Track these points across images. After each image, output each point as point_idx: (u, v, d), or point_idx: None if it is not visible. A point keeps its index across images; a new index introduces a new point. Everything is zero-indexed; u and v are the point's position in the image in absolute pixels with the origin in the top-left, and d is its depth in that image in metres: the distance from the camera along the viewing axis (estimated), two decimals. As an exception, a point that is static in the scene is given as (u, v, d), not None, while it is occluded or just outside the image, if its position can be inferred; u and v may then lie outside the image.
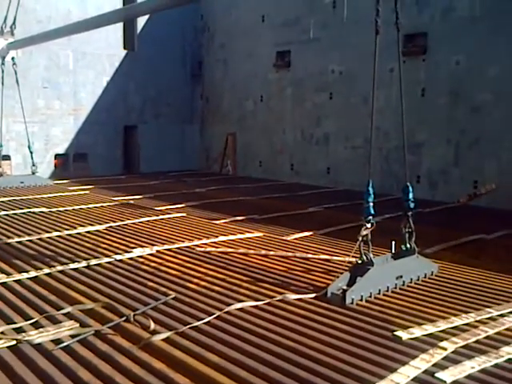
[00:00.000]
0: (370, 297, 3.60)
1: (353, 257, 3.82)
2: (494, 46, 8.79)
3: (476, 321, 3.15)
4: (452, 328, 3.03)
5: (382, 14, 3.86)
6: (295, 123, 12.28)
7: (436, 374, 2.47)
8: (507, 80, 8.71)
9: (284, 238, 5.71)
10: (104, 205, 7.22)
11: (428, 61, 9.77)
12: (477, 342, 2.86)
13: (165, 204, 8.17)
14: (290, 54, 12.23)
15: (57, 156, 12.54)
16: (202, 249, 4.86)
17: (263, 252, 4.79)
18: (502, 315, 3.26)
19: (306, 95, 11.96)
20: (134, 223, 6.00)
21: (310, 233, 6.20)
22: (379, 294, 3.67)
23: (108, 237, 5.29)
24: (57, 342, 2.80)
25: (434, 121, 9.71)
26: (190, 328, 2.97)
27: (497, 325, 3.10)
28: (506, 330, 3.05)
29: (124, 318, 3.07)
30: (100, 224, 5.87)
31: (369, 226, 3.71)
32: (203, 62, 14.71)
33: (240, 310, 3.30)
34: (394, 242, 4.06)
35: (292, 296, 3.57)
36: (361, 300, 3.53)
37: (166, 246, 4.91)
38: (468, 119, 9.27)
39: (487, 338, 2.92)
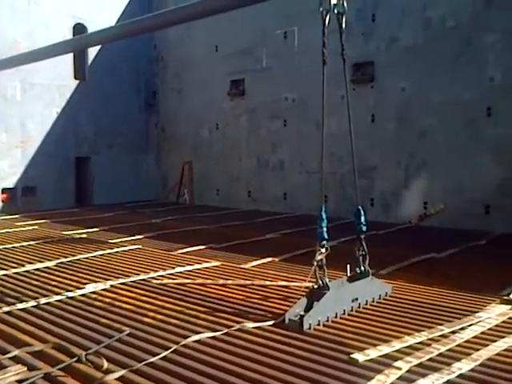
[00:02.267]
0: (327, 321, 3.63)
1: (309, 282, 3.85)
2: (436, 74, 9.26)
3: (429, 339, 3.23)
4: (406, 347, 3.10)
5: (330, 44, 4.02)
6: (251, 150, 12.40)
7: (392, 395, 2.50)
8: (449, 105, 9.17)
9: (242, 265, 5.69)
10: (54, 240, 6.98)
11: (376, 88, 10.17)
12: (430, 359, 2.93)
13: (120, 236, 7.98)
14: (244, 82, 12.44)
15: (4, 190, 12.06)
16: (159, 281, 4.78)
17: (221, 281, 4.75)
18: (453, 332, 3.36)
19: (261, 122, 12.15)
20: (86, 258, 5.82)
21: (268, 259, 6.21)
22: (336, 317, 3.71)
23: (58, 273, 5.10)
24: (1, 388, 2.65)
25: (384, 145, 10.06)
26: (145, 364, 2.89)
27: (448, 342, 3.19)
28: (457, 346, 3.14)
29: (75, 359, 2.95)
30: (50, 260, 5.66)
31: (323, 250, 3.77)
32: (157, 91, 14.72)
33: (197, 342, 3.25)
34: (348, 266, 4.13)
35: (250, 324, 3.56)
36: (318, 325, 3.55)
37: (121, 280, 4.79)
38: (415, 143, 9.65)
39: (440, 355, 3.00)
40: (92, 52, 13.31)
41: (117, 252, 6.17)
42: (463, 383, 2.66)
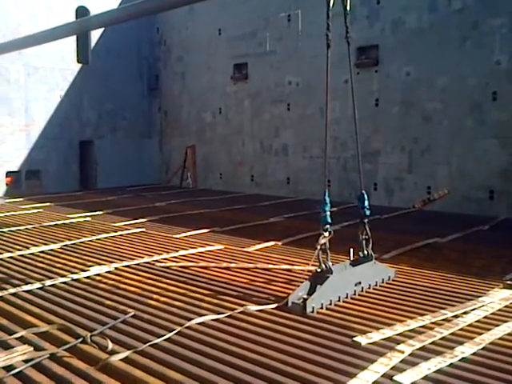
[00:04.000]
0: (330, 304, 3.65)
1: (312, 265, 3.86)
2: (441, 57, 9.17)
3: (431, 322, 3.24)
4: (409, 331, 3.11)
5: (334, 28, 3.97)
6: (254, 135, 12.36)
7: (394, 377, 2.53)
8: (455, 90, 9.09)
9: (245, 249, 5.70)
10: (59, 223, 7.01)
11: (380, 72, 10.08)
12: (432, 343, 2.95)
13: (124, 220, 8.02)
14: (247, 66, 12.35)
15: (8, 173, 12.10)
16: (162, 264, 4.80)
17: (224, 264, 4.77)
18: (455, 316, 3.37)
19: (264, 107, 12.09)
20: (91, 241, 5.85)
21: (272, 243, 6.23)
22: (339, 301, 3.72)
23: (63, 256, 5.13)
24: (8, 368, 2.68)
25: (388, 129, 10.01)
26: (149, 346, 2.91)
27: (451, 325, 3.20)
28: (460, 330, 3.15)
29: (80, 340, 2.98)
30: (55, 243, 5.69)
31: (326, 234, 3.77)
32: (160, 75, 14.63)
33: (201, 324, 3.27)
34: (351, 250, 4.14)
35: (253, 308, 3.57)
36: (321, 308, 3.57)
37: (125, 263, 4.81)
38: (420, 127, 9.59)
39: (442, 338, 3.01)
40: (95, 36, 13.24)
41: (121, 235, 6.19)
42: (466, 367, 2.68)
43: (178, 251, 5.31)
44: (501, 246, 6.10)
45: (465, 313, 3.43)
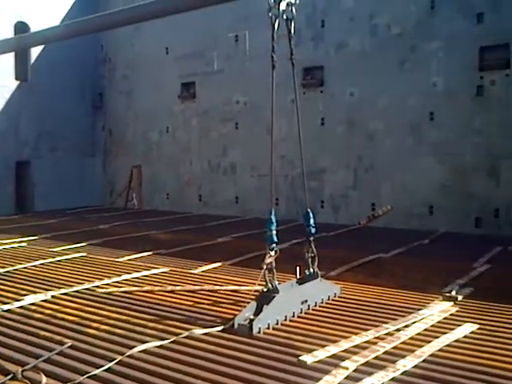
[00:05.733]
0: (277, 324, 3.62)
1: (259, 285, 3.83)
2: (383, 79, 9.53)
3: (375, 337, 3.29)
4: (353, 347, 3.14)
5: (281, 49, 4.06)
6: (202, 154, 12.30)
7: (339, 396, 2.51)
8: (395, 110, 9.46)
9: (192, 271, 5.59)
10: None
11: (325, 92, 10.35)
12: (376, 358, 2.99)
13: (63, 244, 7.64)
14: (195, 85, 12.33)
15: None
16: (104, 290, 4.61)
17: (169, 288, 4.65)
18: (397, 330, 3.44)
19: (212, 126, 12.07)
20: (26, 268, 5.54)
21: (219, 264, 6.14)
22: (286, 320, 3.70)
23: (-4, 284, 4.82)
24: None
25: (333, 148, 10.24)
26: (87, 378, 2.76)
27: (393, 339, 3.25)
28: (402, 343, 3.21)
29: (10, 376, 2.77)
30: (-14, 271, 5.34)
31: (272, 253, 3.76)
32: (104, 93, 14.33)
33: (144, 351, 3.15)
34: (298, 268, 4.14)
35: (199, 331, 3.49)
36: (268, 328, 3.53)
37: (63, 290, 4.59)
38: (364, 146, 9.88)
39: (385, 353, 3.06)
40: (35, 52, 12.79)
41: (59, 261, 5.92)
42: (407, 380, 2.72)
43: (120, 275, 5.13)
44: (441, 259, 6.31)
45: (406, 326, 3.50)
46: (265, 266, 3.71)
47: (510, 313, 3.88)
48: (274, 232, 3.85)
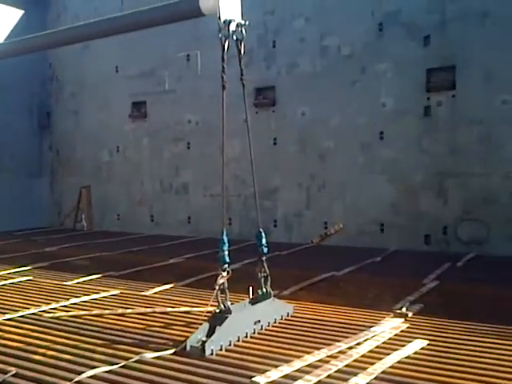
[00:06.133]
0: (230, 345, 3.57)
1: (211, 306, 3.78)
2: (333, 99, 9.77)
3: (328, 356, 3.30)
4: (306, 366, 3.14)
5: (232, 69, 4.08)
6: (153, 173, 12.12)
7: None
8: (346, 129, 9.71)
9: (143, 293, 5.46)
10: None
11: (277, 112, 10.49)
12: (328, 376, 2.99)
13: (7, 268, 7.25)
14: (146, 104, 12.21)
15: None
16: (51, 314, 4.43)
17: (120, 311, 4.51)
18: (350, 348, 3.46)
19: (164, 145, 11.95)
20: (-35, 293, 5.22)
21: (171, 285, 6.01)
22: (238, 340, 3.66)
23: None
24: None
25: (286, 167, 10.35)
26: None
27: (346, 357, 3.27)
28: (354, 361, 3.24)
29: None
30: None
31: (225, 274, 3.74)
32: (52, 112, 13.92)
33: (92, 377, 3.04)
34: (251, 288, 4.12)
35: (150, 355, 3.40)
36: (220, 350, 3.48)
37: (7, 316, 4.39)
38: (316, 165, 10.05)
39: (338, 371, 3.07)
40: (-22, 68, 12.29)
41: (3, 285, 5.64)
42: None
43: (68, 299, 4.95)
44: (392, 276, 6.45)
45: (358, 344, 3.53)
46: (217, 287, 3.69)
47: (459, 328, 3.99)
48: (226, 252, 3.83)
